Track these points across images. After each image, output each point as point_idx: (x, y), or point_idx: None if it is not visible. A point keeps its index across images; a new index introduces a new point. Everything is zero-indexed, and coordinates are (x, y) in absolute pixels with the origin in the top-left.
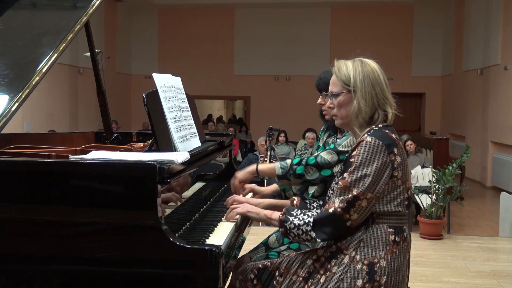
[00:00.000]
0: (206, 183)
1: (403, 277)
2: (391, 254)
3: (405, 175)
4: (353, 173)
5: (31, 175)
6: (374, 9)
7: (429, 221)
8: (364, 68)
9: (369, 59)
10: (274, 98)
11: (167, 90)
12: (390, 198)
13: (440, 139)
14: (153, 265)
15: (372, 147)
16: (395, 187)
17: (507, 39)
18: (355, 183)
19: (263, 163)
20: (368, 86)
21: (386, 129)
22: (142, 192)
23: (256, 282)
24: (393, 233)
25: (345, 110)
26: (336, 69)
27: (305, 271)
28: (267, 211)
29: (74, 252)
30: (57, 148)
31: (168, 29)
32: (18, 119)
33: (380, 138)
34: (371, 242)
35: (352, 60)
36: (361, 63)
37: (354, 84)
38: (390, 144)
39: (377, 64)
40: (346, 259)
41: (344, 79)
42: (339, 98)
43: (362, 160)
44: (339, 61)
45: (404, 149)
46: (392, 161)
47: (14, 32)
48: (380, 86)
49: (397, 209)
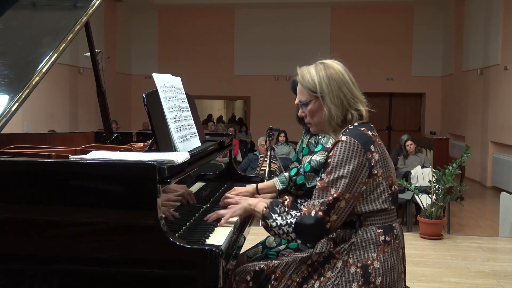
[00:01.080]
0: (206, 183)
1: (398, 274)
2: (383, 254)
3: (386, 171)
4: (330, 173)
5: (31, 175)
6: (374, 9)
7: (429, 221)
8: (328, 71)
9: (331, 60)
10: (274, 98)
11: (167, 90)
12: (373, 197)
13: (440, 139)
14: (153, 265)
15: (348, 146)
16: (376, 185)
17: (507, 39)
18: (333, 184)
19: (263, 163)
20: (335, 89)
21: (362, 126)
22: (142, 192)
23: (251, 284)
24: (383, 233)
25: (317, 117)
26: (300, 77)
27: (299, 276)
28: (251, 200)
29: (74, 252)
30: (57, 148)
31: (168, 29)
32: (18, 119)
33: (356, 137)
34: (362, 245)
35: (314, 64)
36: (323, 66)
37: (320, 90)
38: (366, 142)
39: (340, 63)
40: (339, 263)
41: (309, 86)
42: (309, 107)
43: (338, 161)
44: (302, 68)
45: (404, 149)
46: (369, 159)
47: (14, 32)
48: (347, 86)
49: (383, 206)
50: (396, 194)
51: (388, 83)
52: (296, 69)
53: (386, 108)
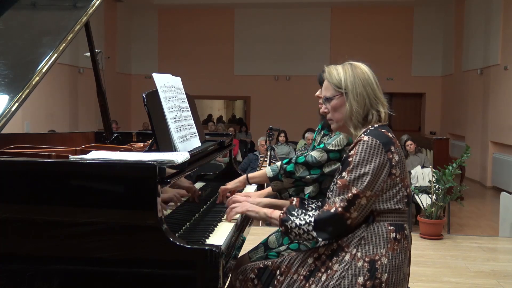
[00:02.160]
0: (206, 183)
1: (404, 275)
2: (392, 252)
3: (403, 173)
4: (351, 172)
5: (31, 175)
6: (374, 9)
7: (429, 221)
8: (354, 70)
9: (359, 62)
10: (274, 98)
11: (167, 90)
12: (389, 196)
13: (440, 139)
14: (153, 265)
15: (369, 146)
16: (393, 184)
17: (507, 39)
18: (354, 182)
19: (263, 163)
20: (359, 87)
21: (382, 128)
22: (142, 192)
23: (256, 282)
24: (394, 230)
25: (339, 113)
26: (327, 74)
27: (306, 269)
28: (266, 210)
29: (74, 252)
30: (57, 148)
31: (168, 29)
32: (18, 119)
33: (377, 137)
34: (372, 240)
35: (342, 64)
36: (351, 66)
37: (345, 87)
38: (387, 142)
39: (368, 66)
40: (347, 256)
41: (335, 82)
42: (333, 102)
43: (360, 159)
44: (330, 66)
45: (404, 149)
46: (390, 159)
47: (14, 32)
48: (371, 86)
49: (396, 206)
50: (410, 197)
51: (388, 83)
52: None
53: None
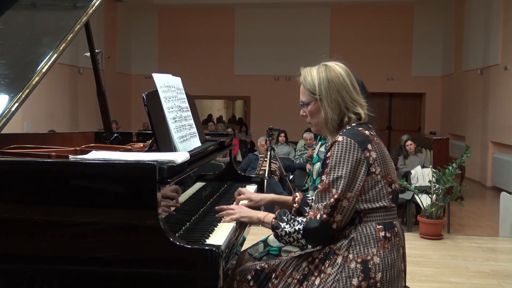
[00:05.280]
0: (206, 183)
1: (398, 272)
2: (383, 250)
3: (384, 169)
4: (329, 174)
5: (31, 175)
6: (374, 9)
7: (429, 221)
8: (329, 74)
9: (334, 62)
10: (274, 98)
11: (167, 90)
12: (372, 195)
13: (440, 139)
14: (153, 265)
15: (344, 146)
16: (374, 183)
17: (507, 39)
18: (333, 184)
19: (263, 163)
20: (334, 93)
21: (359, 126)
22: (142, 192)
23: (252, 283)
24: (383, 229)
25: (315, 118)
26: (302, 78)
27: (300, 273)
28: (260, 214)
29: (74, 252)
30: (57, 148)
31: (168, 29)
32: (18, 119)
33: (352, 137)
34: (362, 240)
35: (317, 66)
36: (325, 68)
37: (319, 93)
38: (363, 140)
39: (344, 66)
40: (339, 259)
41: (310, 88)
42: (309, 107)
43: (336, 161)
44: (305, 69)
45: (404, 149)
46: (367, 158)
47: (14, 32)
48: (347, 89)
49: (382, 204)
50: (397, 193)
51: (388, 83)
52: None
53: (386, 108)
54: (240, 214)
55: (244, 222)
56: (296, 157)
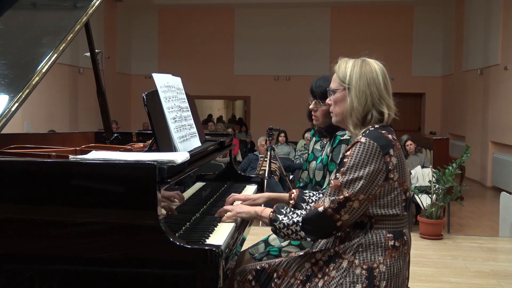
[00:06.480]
0: (206, 183)
1: (403, 280)
2: (390, 259)
3: (402, 176)
4: (345, 174)
5: (31, 175)
6: (374, 9)
7: (429, 221)
8: (364, 67)
9: (373, 59)
10: (274, 98)
11: (167, 90)
12: (387, 201)
13: (440, 139)
14: (153, 265)
15: (366, 149)
16: (391, 189)
17: (507, 39)
18: (346, 185)
19: (263, 163)
20: (363, 85)
21: (383, 129)
22: (142, 192)
23: (254, 283)
24: (393, 238)
25: (339, 107)
26: (337, 66)
27: (303, 274)
28: (258, 208)
29: (74, 252)
30: (57, 148)
31: (168, 29)
32: (18, 119)
33: (375, 140)
34: (370, 247)
35: (355, 59)
36: (361, 62)
37: (349, 82)
38: (386, 145)
39: (381, 65)
40: (345, 263)
41: (341, 75)
42: (335, 95)
43: (355, 162)
44: (343, 59)
45: (404, 149)
46: (387, 163)
47: (14, 32)
48: (377, 86)
49: (394, 211)
50: (410, 201)
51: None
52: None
53: None
54: (237, 210)
55: (242, 218)
56: (296, 157)
